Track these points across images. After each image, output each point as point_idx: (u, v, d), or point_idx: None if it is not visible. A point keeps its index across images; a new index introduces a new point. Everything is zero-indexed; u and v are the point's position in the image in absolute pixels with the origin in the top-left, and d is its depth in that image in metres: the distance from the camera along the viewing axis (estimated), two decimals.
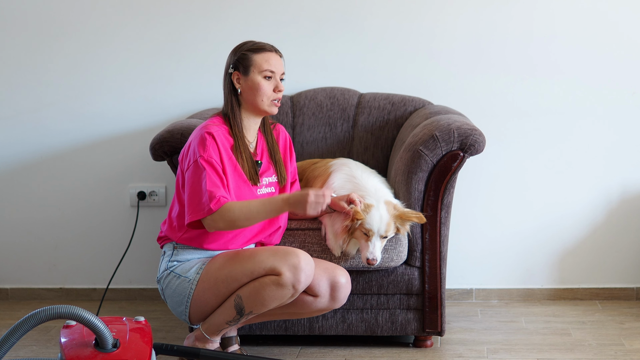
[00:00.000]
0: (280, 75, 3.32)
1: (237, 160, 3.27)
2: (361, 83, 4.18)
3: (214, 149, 3.21)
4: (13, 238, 4.35)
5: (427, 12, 4.13)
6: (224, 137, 3.26)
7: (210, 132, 3.23)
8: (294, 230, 3.49)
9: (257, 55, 3.29)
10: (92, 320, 2.58)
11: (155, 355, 2.95)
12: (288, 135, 3.50)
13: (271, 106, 3.30)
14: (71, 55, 4.23)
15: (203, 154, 3.19)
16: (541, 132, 4.16)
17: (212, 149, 3.21)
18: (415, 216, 3.38)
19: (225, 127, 3.29)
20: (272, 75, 3.29)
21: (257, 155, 3.37)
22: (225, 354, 3.18)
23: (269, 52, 3.30)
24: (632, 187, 4.17)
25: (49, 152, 4.29)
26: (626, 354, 3.49)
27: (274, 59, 3.30)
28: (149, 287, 4.32)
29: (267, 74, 3.28)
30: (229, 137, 3.28)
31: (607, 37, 4.10)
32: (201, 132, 3.24)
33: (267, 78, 3.28)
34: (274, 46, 3.34)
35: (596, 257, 4.22)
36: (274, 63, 3.29)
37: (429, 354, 3.55)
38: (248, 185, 3.29)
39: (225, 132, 3.28)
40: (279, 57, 3.32)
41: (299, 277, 3.16)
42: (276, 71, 3.29)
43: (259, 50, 3.30)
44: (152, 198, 4.26)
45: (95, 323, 2.58)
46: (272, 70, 3.28)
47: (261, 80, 3.28)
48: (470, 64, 4.14)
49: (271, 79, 3.29)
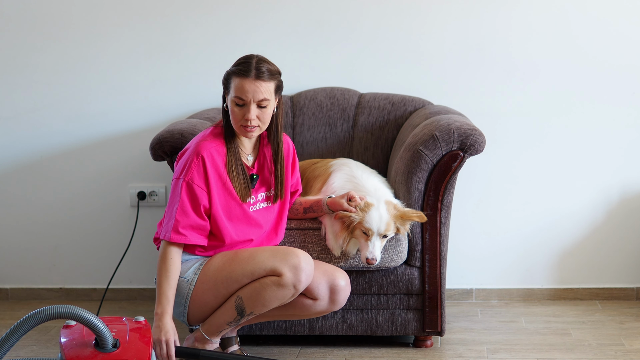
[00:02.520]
0: (258, 101, 3.15)
1: (229, 175, 3.24)
2: (361, 83, 4.18)
3: (199, 172, 3.18)
4: (13, 238, 4.35)
5: (428, 12, 4.13)
6: (217, 153, 3.22)
7: (200, 152, 3.19)
8: (294, 230, 3.49)
9: (234, 79, 3.18)
10: (92, 320, 2.58)
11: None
12: (292, 145, 3.44)
13: (242, 131, 3.20)
14: (71, 55, 4.22)
15: (185, 177, 3.18)
16: (542, 132, 4.16)
17: (197, 171, 3.18)
18: (416, 215, 3.38)
19: (221, 141, 3.26)
20: (242, 103, 3.17)
21: (254, 169, 3.32)
22: (225, 355, 3.18)
23: (244, 79, 3.15)
24: (632, 187, 4.17)
25: (49, 152, 4.29)
26: (626, 354, 3.49)
27: (248, 86, 3.14)
28: (149, 287, 4.32)
29: (238, 102, 3.17)
30: (223, 151, 3.24)
31: (607, 37, 4.10)
32: (192, 150, 3.21)
33: (238, 105, 3.18)
34: (261, 67, 3.16)
35: (596, 257, 4.22)
36: (246, 91, 3.14)
37: (429, 354, 3.55)
38: (238, 202, 3.27)
39: (220, 145, 3.24)
40: (257, 84, 3.14)
41: (299, 277, 3.15)
42: (247, 99, 3.15)
43: (237, 74, 3.17)
44: (152, 198, 4.26)
45: (95, 323, 2.58)
46: (241, 99, 3.15)
47: (233, 107, 3.19)
48: (471, 63, 4.14)
49: (243, 106, 3.17)
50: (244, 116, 3.17)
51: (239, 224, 3.28)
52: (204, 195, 3.20)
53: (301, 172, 3.70)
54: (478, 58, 4.14)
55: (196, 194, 3.19)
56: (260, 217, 3.32)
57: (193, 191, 3.18)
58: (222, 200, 3.24)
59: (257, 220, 3.30)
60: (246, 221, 3.29)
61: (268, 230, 3.36)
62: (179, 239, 3.18)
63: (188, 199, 3.18)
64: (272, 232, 3.38)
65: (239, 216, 3.27)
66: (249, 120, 3.17)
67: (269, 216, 3.35)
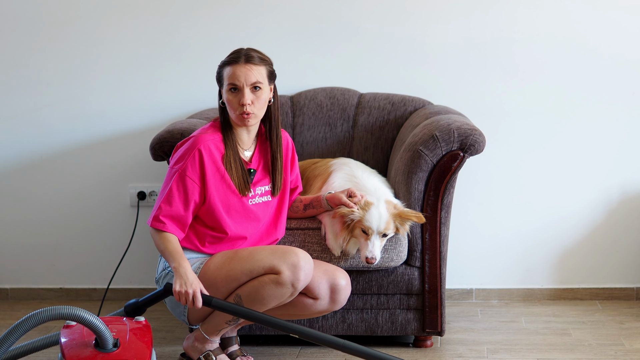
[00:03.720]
0: (251, 84, 3.19)
1: (226, 170, 3.26)
2: (361, 83, 4.18)
3: (194, 166, 3.20)
4: (13, 238, 4.35)
5: (428, 12, 4.13)
6: (215, 147, 3.24)
7: (197, 145, 3.21)
8: (294, 230, 3.49)
9: (225, 69, 3.23)
10: (92, 320, 2.58)
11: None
12: (291, 141, 3.46)
13: (240, 119, 3.23)
14: (71, 55, 4.23)
15: (179, 167, 3.20)
16: (542, 132, 4.16)
17: (192, 164, 3.20)
18: (414, 216, 3.38)
19: (220, 135, 3.28)
20: (236, 87, 3.20)
21: (252, 164, 3.34)
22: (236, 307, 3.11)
23: (234, 65, 3.20)
24: (632, 187, 4.17)
25: (49, 152, 4.29)
26: (626, 354, 3.49)
27: (239, 71, 3.19)
28: (149, 287, 4.32)
29: (231, 87, 3.21)
30: (221, 146, 3.26)
31: (607, 37, 4.10)
32: (190, 143, 3.23)
33: (232, 91, 3.21)
34: (250, 53, 3.22)
35: (596, 257, 4.22)
36: (237, 75, 3.19)
37: (429, 354, 3.55)
38: (237, 195, 3.28)
39: (218, 140, 3.26)
40: (247, 67, 3.19)
41: (298, 276, 3.16)
42: (240, 83, 3.19)
43: (227, 64, 3.23)
44: (152, 198, 4.26)
45: (95, 323, 2.58)
46: (234, 84, 3.19)
47: (228, 95, 3.22)
48: (471, 64, 4.14)
49: (236, 91, 3.20)
50: (240, 101, 3.19)
51: (238, 217, 3.29)
52: (195, 189, 3.21)
53: (301, 171, 3.70)
54: (478, 58, 4.14)
55: (187, 186, 3.20)
56: (259, 210, 3.32)
57: (184, 183, 3.20)
58: (220, 193, 3.25)
59: (255, 214, 3.31)
60: (245, 214, 3.29)
61: (267, 224, 3.37)
62: (158, 225, 3.21)
63: (177, 189, 3.20)
64: (272, 227, 3.38)
65: (237, 209, 3.28)
66: (244, 105, 3.19)
67: (267, 210, 3.35)
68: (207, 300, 3.09)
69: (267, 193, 3.36)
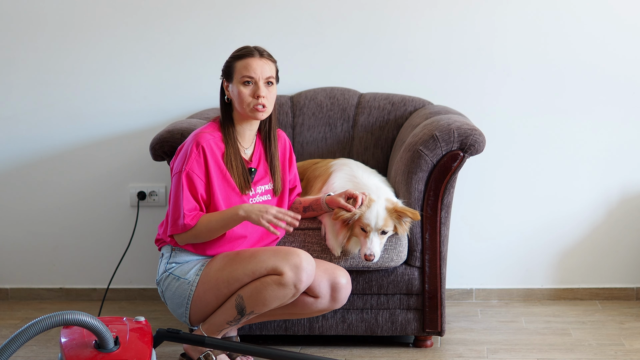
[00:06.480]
0: (266, 79, 3.24)
1: (227, 168, 3.26)
2: (361, 83, 4.18)
3: (199, 162, 3.21)
4: (13, 238, 4.35)
5: (428, 12, 4.13)
6: (216, 145, 3.25)
7: (200, 142, 3.22)
8: (294, 230, 3.48)
9: (238, 62, 3.25)
10: (92, 322, 2.58)
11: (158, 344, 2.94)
12: (288, 141, 3.47)
13: (253, 112, 3.24)
14: (71, 55, 4.23)
15: (186, 167, 3.21)
16: (541, 132, 4.16)
17: (197, 162, 3.21)
18: (409, 211, 3.38)
19: (219, 134, 3.28)
20: (250, 80, 3.23)
21: (252, 162, 3.34)
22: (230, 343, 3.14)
23: (249, 58, 3.24)
24: (632, 187, 4.17)
25: (49, 152, 4.29)
26: (626, 354, 3.49)
27: (255, 64, 3.24)
28: (149, 287, 4.32)
29: (246, 79, 3.23)
30: (221, 145, 3.27)
31: (607, 37, 4.10)
32: (192, 141, 3.24)
33: (246, 84, 3.23)
34: (261, 49, 3.29)
35: (596, 257, 4.22)
36: (254, 68, 3.23)
37: (429, 354, 3.55)
38: (238, 194, 3.28)
39: (218, 139, 3.27)
40: (263, 61, 3.25)
41: (300, 277, 3.16)
42: (256, 76, 3.23)
43: (241, 57, 3.26)
44: (152, 198, 4.26)
45: (94, 324, 2.58)
46: (250, 76, 3.22)
47: (241, 87, 3.24)
48: (471, 64, 4.14)
49: (250, 84, 3.23)
50: (255, 93, 3.22)
51: None
52: (201, 185, 3.22)
53: (301, 172, 3.71)
54: (478, 58, 4.14)
55: (194, 183, 3.21)
56: None
57: (192, 180, 3.21)
58: (222, 191, 3.26)
59: None
60: None
61: None
62: (188, 227, 3.21)
63: (189, 189, 3.21)
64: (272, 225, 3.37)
65: None
66: (260, 97, 3.22)
67: None
68: (199, 340, 3.06)
69: (268, 192, 3.37)
